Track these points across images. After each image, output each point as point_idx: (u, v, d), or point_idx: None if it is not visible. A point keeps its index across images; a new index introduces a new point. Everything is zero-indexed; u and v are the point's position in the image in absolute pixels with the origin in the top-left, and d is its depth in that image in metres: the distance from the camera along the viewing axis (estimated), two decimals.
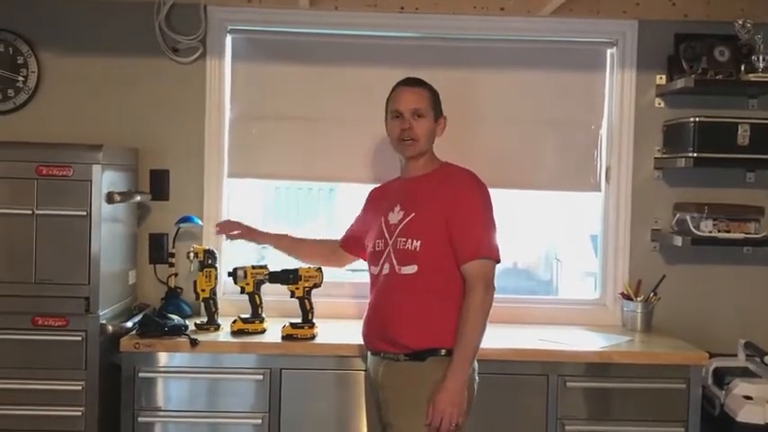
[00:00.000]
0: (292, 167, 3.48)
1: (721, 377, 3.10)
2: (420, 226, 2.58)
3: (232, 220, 3.15)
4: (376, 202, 2.85)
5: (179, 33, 3.35)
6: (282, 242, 3.10)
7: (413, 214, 2.60)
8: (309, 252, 3.09)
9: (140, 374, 2.90)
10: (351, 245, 2.98)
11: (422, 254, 2.55)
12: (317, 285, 3.05)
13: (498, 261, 2.59)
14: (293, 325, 3.00)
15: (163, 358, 2.93)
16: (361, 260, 2.95)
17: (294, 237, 3.13)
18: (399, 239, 2.59)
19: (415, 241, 2.56)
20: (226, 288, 3.36)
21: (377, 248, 2.68)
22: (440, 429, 2.46)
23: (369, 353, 2.70)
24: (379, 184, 2.97)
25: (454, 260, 2.55)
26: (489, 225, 2.60)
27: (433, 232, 2.56)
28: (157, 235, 3.38)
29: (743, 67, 3.25)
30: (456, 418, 2.46)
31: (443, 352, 2.52)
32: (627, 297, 3.37)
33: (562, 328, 3.29)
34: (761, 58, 3.19)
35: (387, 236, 2.65)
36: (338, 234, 3.05)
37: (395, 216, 2.65)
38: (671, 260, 3.46)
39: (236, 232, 3.07)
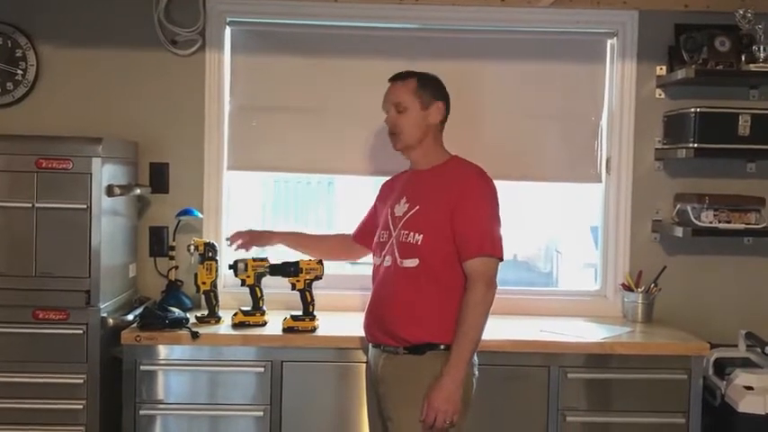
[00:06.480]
0: (292, 160, 3.46)
1: (722, 368, 3.11)
2: (423, 219, 2.57)
3: (241, 231, 3.10)
4: (386, 194, 2.83)
5: (178, 26, 3.34)
6: (296, 240, 3.11)
7: (417, 207, 2.60)
8: (325, 248, 3.10)
9: (141, 367, 2.90)
10: (363, 237, 2.94)
11: (424, 247, 2.54)
12: (318, 277, 3.04)
13: (501, 259, 2.57)
14: (294, 317, 3.00)
15: (164, 351, 2.93)
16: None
17: (306, 234, 3.14)
18: (402, 232, 2.59)
19: (417, 234, 2.55)
20: (226, 281, 3.35)
21: (380, 240, 2.68)
22: (434, 426, 2.46)
23: (370, 345, 2.70)
24: (377, 176, 2.95)
25: (457, 255, 2.53)
26: (493, 222, 2.57)
27: (436, 226, 2.54)
28: (158, 228, 3.38)
29: (743, 58, 3.23)
30: (451, 416, 2.45)
31: (442, 347, 2.51)
32: (628, 288, 3.37)
33: (563, 319, 3.29)
34: (761, 48, 3.17)
35: (391, 227, 2.64)
36: (339, 226, 3.04)
37: (400, 208, 2.64)
38: (672, 251, 3.46)
39: (240, 241, 3.05)
